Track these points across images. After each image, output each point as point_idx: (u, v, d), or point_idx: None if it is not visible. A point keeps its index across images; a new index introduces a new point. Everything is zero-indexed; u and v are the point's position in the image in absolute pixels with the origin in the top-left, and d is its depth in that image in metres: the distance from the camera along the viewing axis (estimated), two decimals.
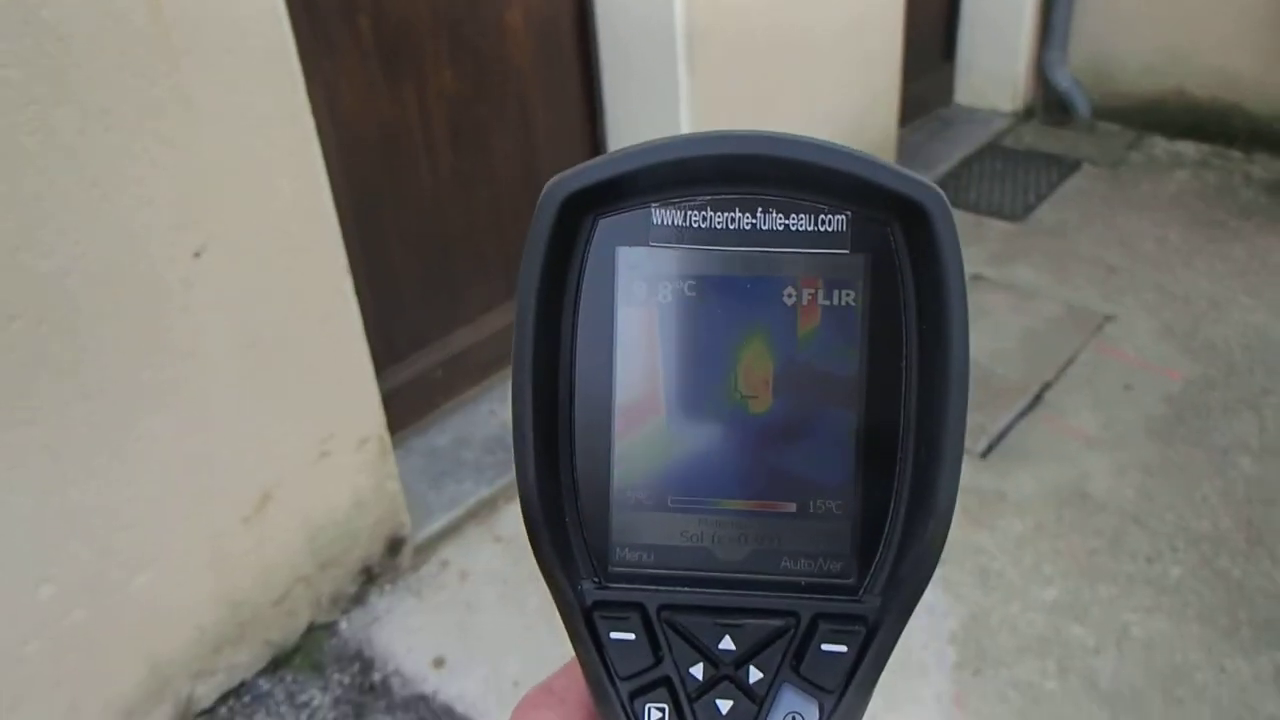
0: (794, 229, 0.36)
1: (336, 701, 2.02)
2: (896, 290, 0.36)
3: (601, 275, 0.37)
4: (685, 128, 2.68)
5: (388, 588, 2.25)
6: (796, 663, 0.36)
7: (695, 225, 0.36)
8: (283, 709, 2.00)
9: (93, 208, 1.58)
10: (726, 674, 0.36)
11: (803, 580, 0.37)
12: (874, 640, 0.36)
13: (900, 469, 0.36)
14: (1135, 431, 2.69)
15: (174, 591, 1.85)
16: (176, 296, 1.71)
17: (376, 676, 2.07)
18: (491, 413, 2.67)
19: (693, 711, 0.36)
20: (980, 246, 3.50)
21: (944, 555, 0.36)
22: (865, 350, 0.36)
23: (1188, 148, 4.14)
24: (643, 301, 0.37)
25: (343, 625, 2.17)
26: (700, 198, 0.36)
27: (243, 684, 2.04)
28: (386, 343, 2.38)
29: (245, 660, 2.03)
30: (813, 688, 0.36)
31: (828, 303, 0.36)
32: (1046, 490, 2.50)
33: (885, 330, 0.36)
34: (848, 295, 0.36)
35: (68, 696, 1.75)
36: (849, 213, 0.36)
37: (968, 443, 2.49)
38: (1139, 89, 4.25)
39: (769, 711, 0.36)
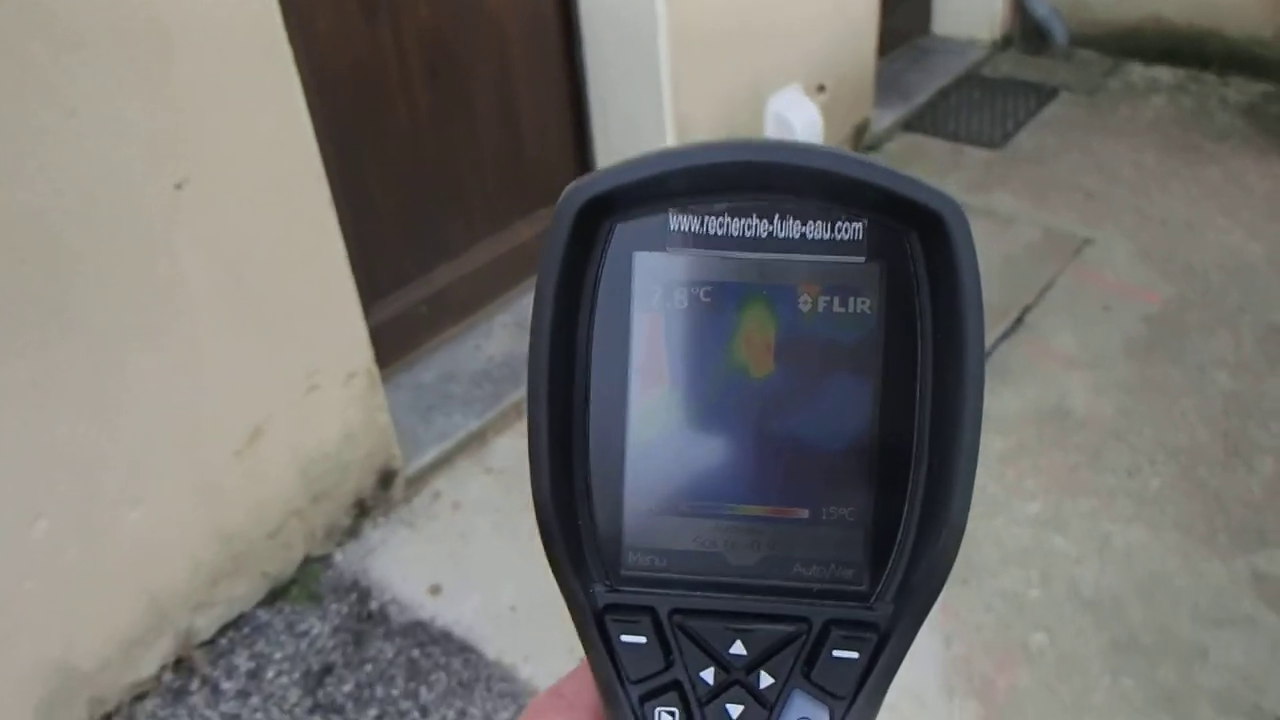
0: (810, 236, 0.36)
1: (335, 630, 2.04)
2: (912, 299, 0.36)
3: (619, 280, 0.37)
4: (663, 57, 2.66)
5: (381, 520, 2.27)
6: (808, 669, 0.36)
7: (712, 231, 0.36)
8: (283, 638, 2.02)
9: (71, 141, 1.56)
10: (737, 679, 0.36)
11: (815, 586, 0.37)
12: (885, 647, 0.36)
13: (914, 478, 0.36)
14: (1114, 351, 2.73)
15: (168, 526, 1.86)
16: (159, 231, 1.70)
17: (374, 605, 2.09)
18: (477, 348, 2.68)
19: (703, 716, 0.36)
20: (960, 174, 3.51)
21: None
22: (881, 358, 0.36)
23: (1164, 73, 4.14)
24: (659, 306, 0.36)
25: (338, 557, 2.19)
26: (718, 204, 0.36)
27: (241, 616, 2.06)
28: (369, 280, 2.37)
29: (243, 593, 2.05)
30: (823, 694, 0.36)
31: (843, 310, 0.36)
32: (1028, 409, 2.54)
33: (900, 338, 0.36)
34: (863, 303, 0.36)
35: (67, 631, 1.76)
36: (865, 221, 0.36)
37: None
38: (1116, 16, 4.25)
39: (779, 717, 0.36)
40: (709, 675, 0.36)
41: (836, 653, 0.36)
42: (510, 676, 1.95)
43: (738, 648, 0.36)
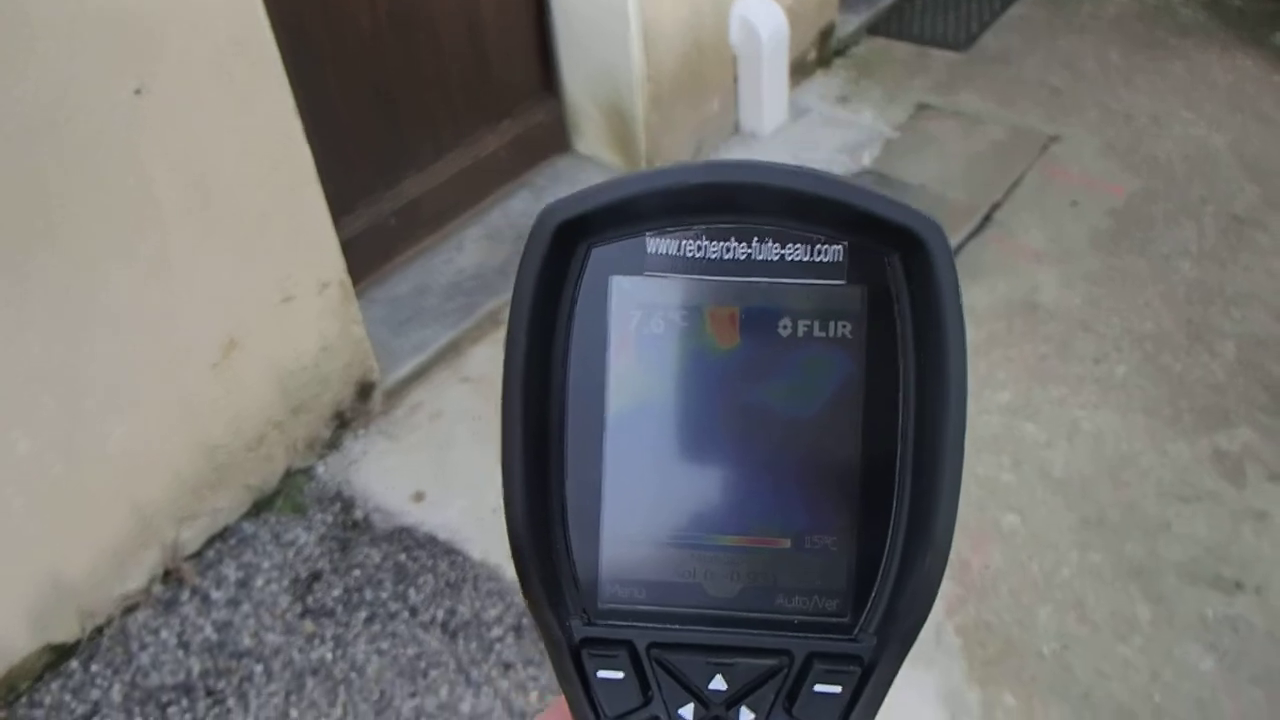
0: (790, 259, 0.35)
1: (321, 539, 2.06)
2: (894, 322, 0.35)
3: (595, 304, 0.36)
4: None
5: (361, 432, 2.28)
6: (789, 703, 0.35)
7: (690, 254, 0.35)
8: (269, 548, 2.04)
9: (23, 49, 1.52)
10: (717, 714, 0.35)
11: (796, 618, 0.36)
12: (869, 680, 0.35)
13: (897, 502, 0.35)
14: (1081, 245, 2.76)
15: (149, 440, 1.86)
16: (122, 139, 1.66)
17: (358, 514, 2.11)
18: (449, 260, 2.67)
19: None
20: (926, 76, 3.49)
21: None
22: (862, 382, 0.35)
23: None
24: (636, 331, 0.36)
25: (320, 469, 2.20)
26: (695, 227, 0.35)
27: (227, 528, 2.07)
28: (337, 192, 2.32)
29: (227, 505, 2.06)
30: None
31: (824, 334, 0.35)
32: (998, 303, 2.58)
33: (882, 361, 0.35)
34: (844, 327, 0.35)
35: (55, 545, 1.77)
36: (846, 244, 0.35)
37: None
38: None
39: None
40: (688, 712, 0.35)
41: (819, 687, 0.35)
42: (497, 576, 1.99)
43: (718, 683, 0.35)
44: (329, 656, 1.86)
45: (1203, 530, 2.03)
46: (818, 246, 0.35)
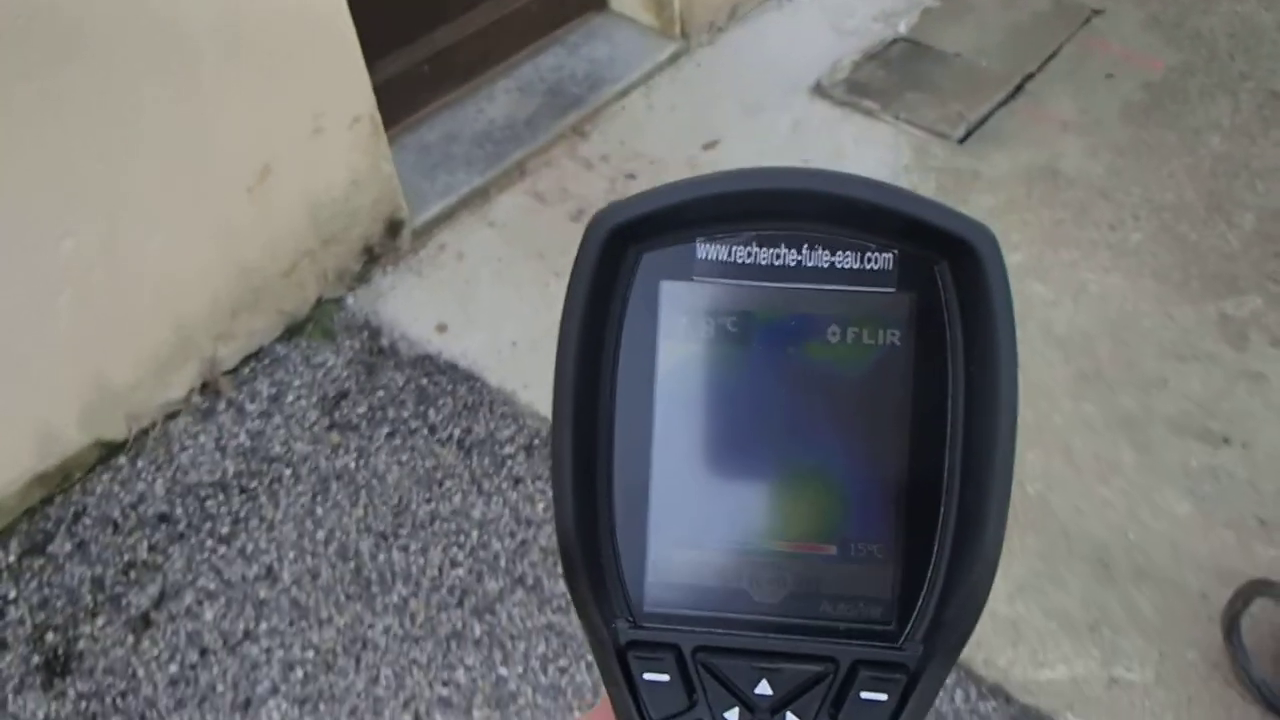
0: (839, 266, 0.35)
1: (349, 363, 2.19)
2: (943, 330, 0.35)
3: (644, 309, 0.36)
4: None
5: (389, 268, 2.38)
6: (835, 710, 0.35)
7: (740, 260, 0.36)
8: (300, 369, 2.17)
9: None
10: (762, 719, 0.35)
11: (842, 625, 0.36)
12: (915, 689, 0.34)
13: (945, 512, 0.35)
14: (1111, 116, 2.74)
15: (187, 256, 1.98)
16: None
17: (384, 341, 2.23)
18: (479, 110, 2.72)
19: None
20: None
21: None
22: (911, 391, 0.35)
23: None
24: (685, 336, 0.36)
25: (349, 300, 2.31)
26: (745, 233, 0.36)
27: (261, 349, 2.20)
28: (369, 36, 2.39)
29: (262, 327, 2.18)
30: None
31: (872, 342, 0.35)
32: (1019, 169, 2.59)
33: (931, 370, 0.35)
34: (893, 335, 0.35)
35: (101, 345, 1.90)
36: (896, 251, 0.35)
37: (946, 129, 2.54)
38: None
39: None
40: (733, 715, 0.35)
41: (865, 694, 0.35)
42: (511, 401, 2.10)
43: (763, 688, 0.35)
44: (352, 465, 2.00)
45: (1197, 388, 2.07)
46: (868, 254, 0.35)
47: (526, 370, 2.15)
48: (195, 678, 1.69)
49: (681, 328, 0.36)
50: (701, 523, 0.36)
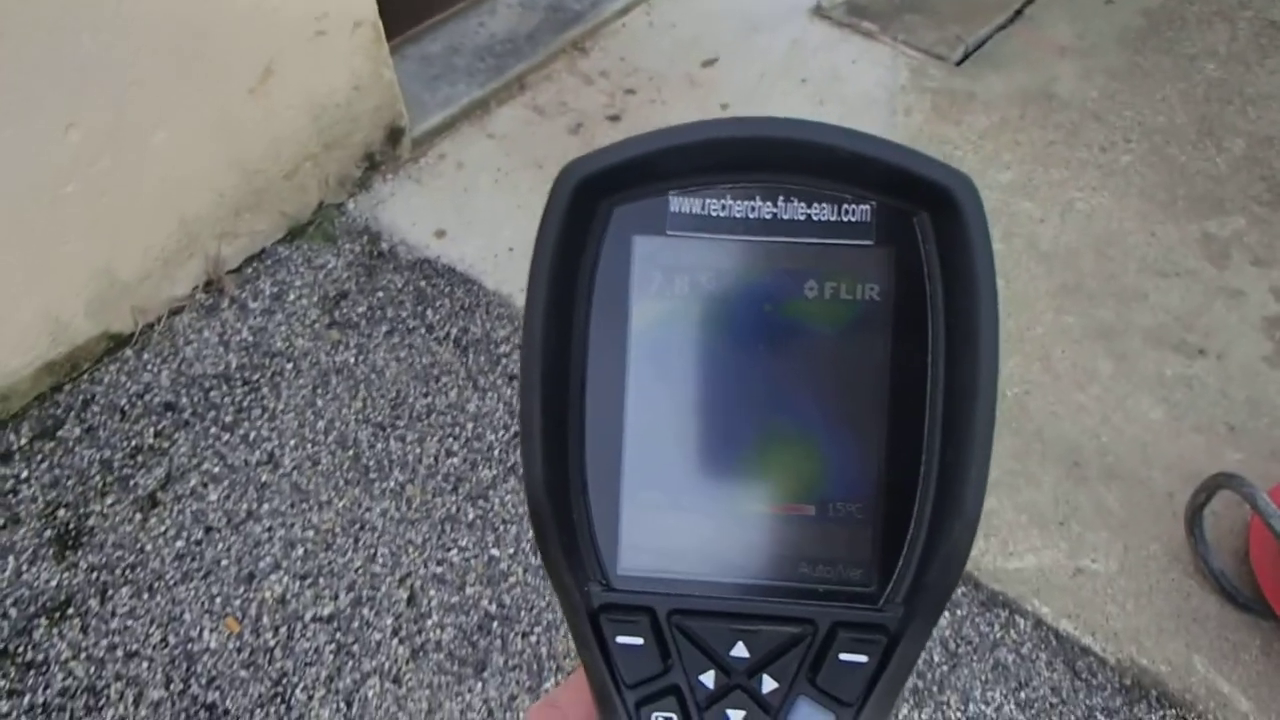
0: (816, 219, 0.34)
1: (349, 265, 2.24)
2: (923, 284, 0.34)
3: (616, 264, 0.35)
4: None
5: (389, 175, 2.42)
6: (813, 673, 0.34)
7: (714, 214, 0.35)
8: (301, 269, 2.22)
9: None
10: (739, 683, 0.34)
11: (821, 587, 0.35)
12: (895, 650, 0.34)
13: (925, 471, 0.34)
14: (1108, 41, 2.76)
15: (190, 152, 2.02)
16: None
17: (384, 245, 2.28)
18: (481, 25, 2.74)
19: None
20: None
21: (906, 142, 0.36)
22: (890, 346, 0.34)
23: None
24: (659, 293, 0.35)
25: (350, 205, 2.36)
26: (720, 185, 0.35)
27: (263, 250, 2.25)
28: None
29: (264, 228, 2.23)
30: (830, 700, 0.34)
31: (851, 297, 0.34)
32: (1014, 91, 2.61)
33: (910, 324, 0.34)
34: (872, 289, 0.34)
35: (108, 236, 1.95)
36: (873, 203, 0.34)
37: (943, 51, 2.55)
38: None
39: None
40: (709, 679, 0.34)
41: (844, 656, 0.34)
42: (507, 303, 2.16)
43: (739, 650, 0.34)
44: (352, 360, 2.06)
45: (1176, 302, 2.13)
46: (844, 206, 0.34)
47: (522, 275, 2.18)
48: (201, 553, 1.77)
49: (655, 284, 0.35)
50: (676, 483, 0.35)
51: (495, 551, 1.78)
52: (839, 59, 2.72)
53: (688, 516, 0.35)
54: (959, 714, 1.58)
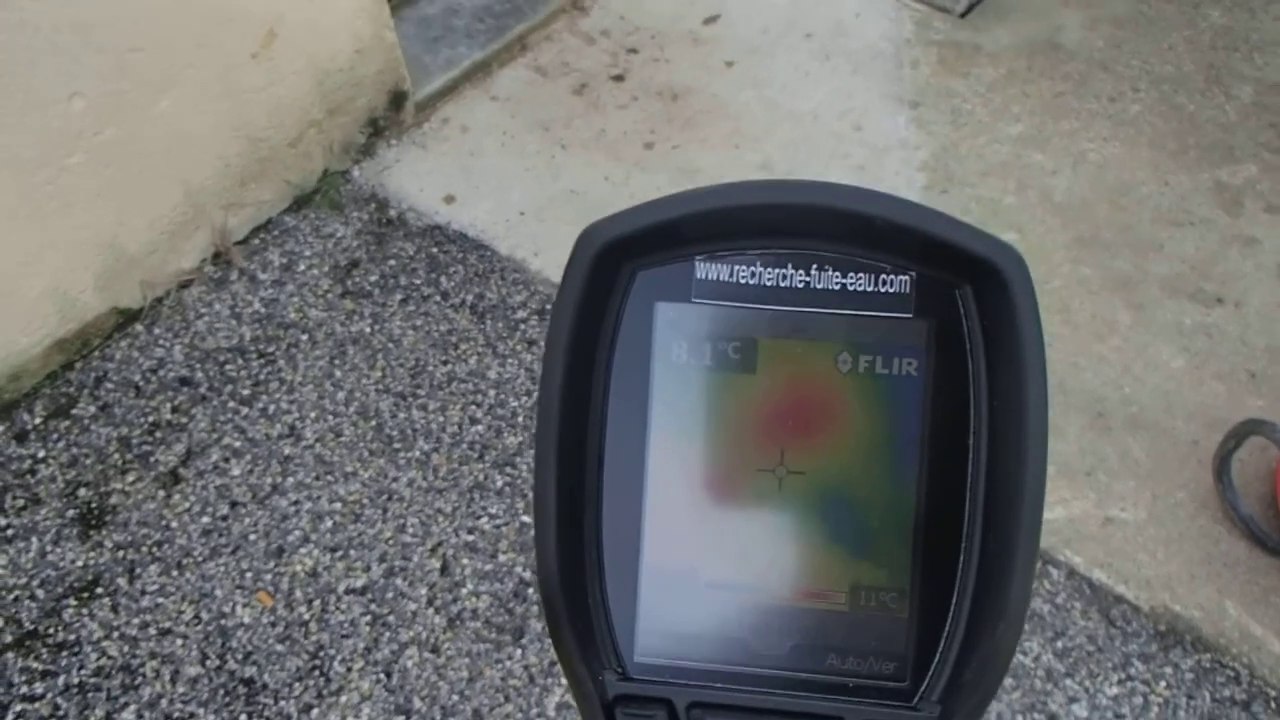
0: (851, 289, 0.33)
1: (358, 233, 2.20)
2: (965, 360, 0.32)
3: (638, 332, 0.33)
4: None
5: (394, 142, 2.38)
6: None
7: (742, 281, 0.33)
8: (310, 239, 2.19)
9: None
10: None
11: (851, 681, 0.33)
12: None
13: (965, 559, 0.32)
14: None
15: (195, 119, 1.97)
16: None
17: (393, 213, 2.24)
18: None
19: None
20: None
21: (916, 96, 0.33)
22: (928, 426, 0.32)
23: None
24: (682, 363, 0.33)
25: (355, 173, 2.32)
26: (749, 251, 0.33)
27: (270, 220, 2.21)
28: None
29: (270, 198, 2.19)
30: None
31: (886, 372, 0.33)
32: (1020, 42, 2.59)
33: (951, 404, 0.32)
34: (909, 364, 0.33)
35: (114, 208, 1.91)
36: (913, 273, 0.33)
37: (947, 3, 2.53)
38: None
39: None
40: None
41: None
42: (522, 268, 2.13)
43: None
44: (368, 330, 2.03)
45: (1191, 251, 2.13)
46: (882, 276, 0.33)
47: (536, 238, 2.17)
48: (228, 528, 1.75)
49: (678, 353, 0.33)
50: (699, 566, 0.33)
51: (526, 518, 1.77)
52: (842, 12, 2.69)
53: (709, 601, 0.33)
54: None
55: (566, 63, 2.57)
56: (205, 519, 1.76)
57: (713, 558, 0.33)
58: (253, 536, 1.74)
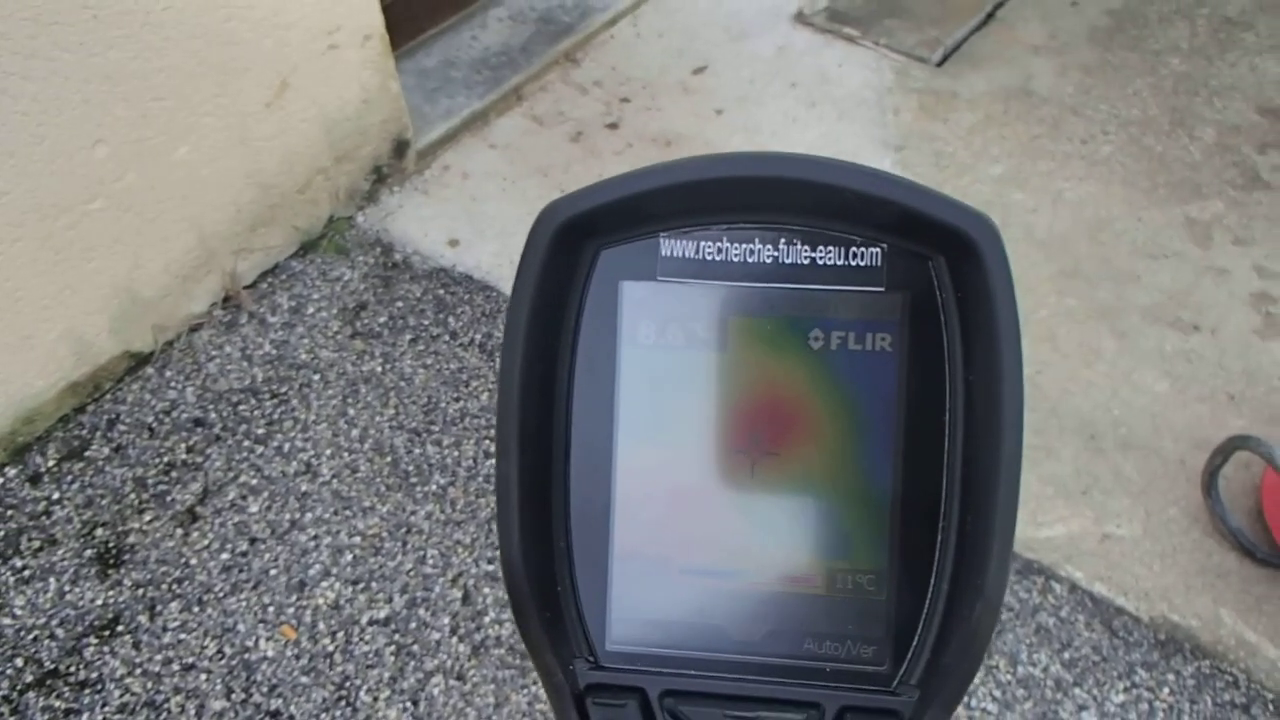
0: (821, 263, 0.32)
1: (365, 276, 2.25)
2: (940, 334, 0.32)
3: (603, 312, 0.32)
4: None
5: (396, 188, 2.44)
6: None
7: (709, 258, 0.32)
8: (317, 283, 2.23)
9: None
10: None
11: (828, 666, 0.32)
12: None
13: (943, 539, 0.31)
14: (1078, 39, 2.89)
15: (210, 166, 2.02)
16: None
17: (398, 256, 2.30)
18: (474, 38, 2.78)
19: None
20: None
21: (900, 140, 0.35)
22: (903, 402, 0.32)
23: None
24: (650, 343, 0.32)
25: (360, 218, 2.37)
26: (715, 227, 0.32)
27: (277, 265, 2.25)
28: None
29: (278, 243, 2.23)
30: None
31: (859, 347, 0.32)
32: (996, 89, 2.72)
33: (926, 379, 0.32)
34: (883, 339, 0.32)
35: (131, 252, 1.95)
36: (885, 245, 0.32)
37: (924, 53, 2.65)
38: None
39: None
40: None
41: None
42: None
43: None
44: (379, 369, 2.07)
45: (1168, 281, 2.23)
46: (853, 249, 0.32)
47: None
48: (248, 564, 1.77)
49: (645, 333, 0.32)
50: (671, 551, 0.32)
51: None
52: (825, 63, 2.80)
53: (682, 587, 0.32)
54: (1009, 676, 1.64)
55: (562, 111, 2.65)
56: (225, 555, 1.78)
57: (685, 543, 0.32)
58: (273, 571, 1.76)
